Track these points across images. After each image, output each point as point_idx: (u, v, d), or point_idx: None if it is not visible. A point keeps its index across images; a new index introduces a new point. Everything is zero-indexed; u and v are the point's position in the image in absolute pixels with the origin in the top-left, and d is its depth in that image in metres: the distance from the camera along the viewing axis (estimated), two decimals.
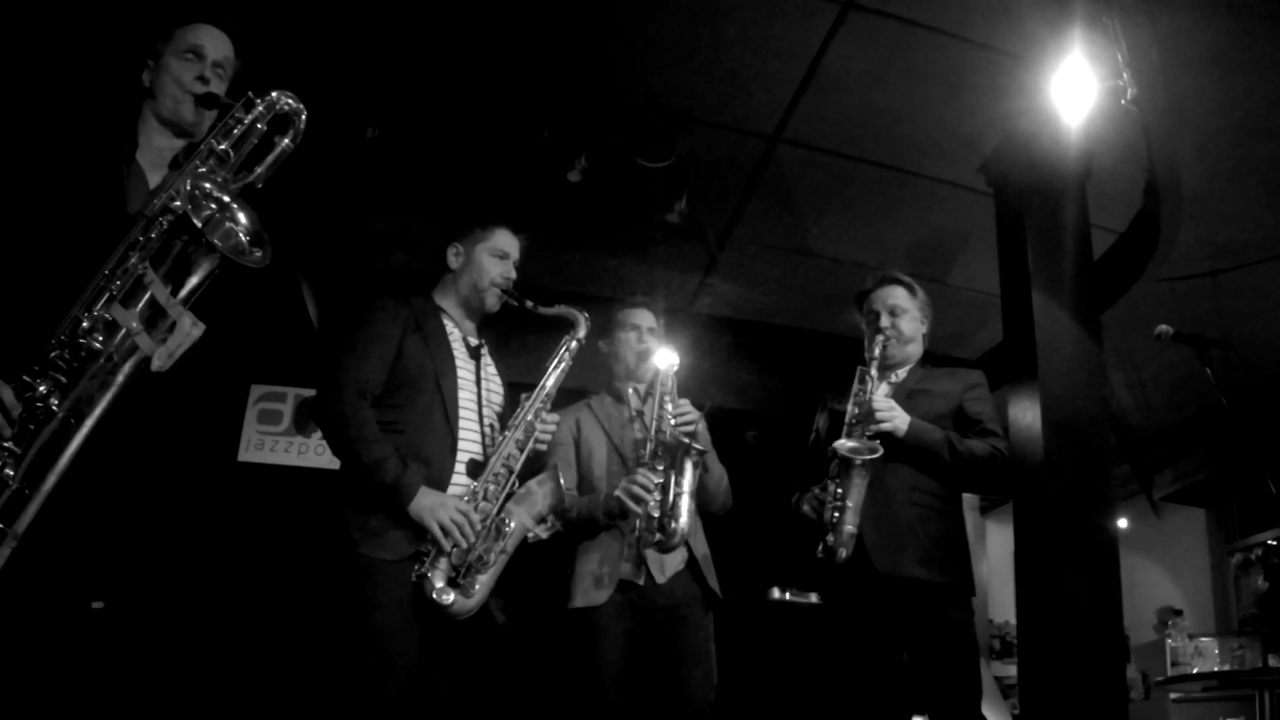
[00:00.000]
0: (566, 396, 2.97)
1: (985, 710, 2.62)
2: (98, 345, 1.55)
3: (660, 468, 2.68)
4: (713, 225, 4.59)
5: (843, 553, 2.51)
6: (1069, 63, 3.12)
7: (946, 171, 4.06)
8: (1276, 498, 2.59)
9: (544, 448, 2.49)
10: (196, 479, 4.21)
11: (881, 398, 2.66)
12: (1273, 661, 4.79)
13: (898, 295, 2.87)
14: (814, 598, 4.60)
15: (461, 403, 2.39)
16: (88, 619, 1.69)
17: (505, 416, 2.52)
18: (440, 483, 2.29)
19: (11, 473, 1.48)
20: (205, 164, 1.70)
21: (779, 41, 3.38)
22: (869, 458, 2.52)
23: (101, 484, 1.59)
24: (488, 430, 2.45)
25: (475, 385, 2.47)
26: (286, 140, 1.76)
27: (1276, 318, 4.53)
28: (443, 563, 2.23)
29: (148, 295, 1.58)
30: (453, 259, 2.56)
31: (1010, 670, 6.16)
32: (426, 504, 2.21)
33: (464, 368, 2.45)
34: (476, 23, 3.38)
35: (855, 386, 2.72)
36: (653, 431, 2.75)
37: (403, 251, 4.72)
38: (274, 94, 1.77)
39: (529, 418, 2.45)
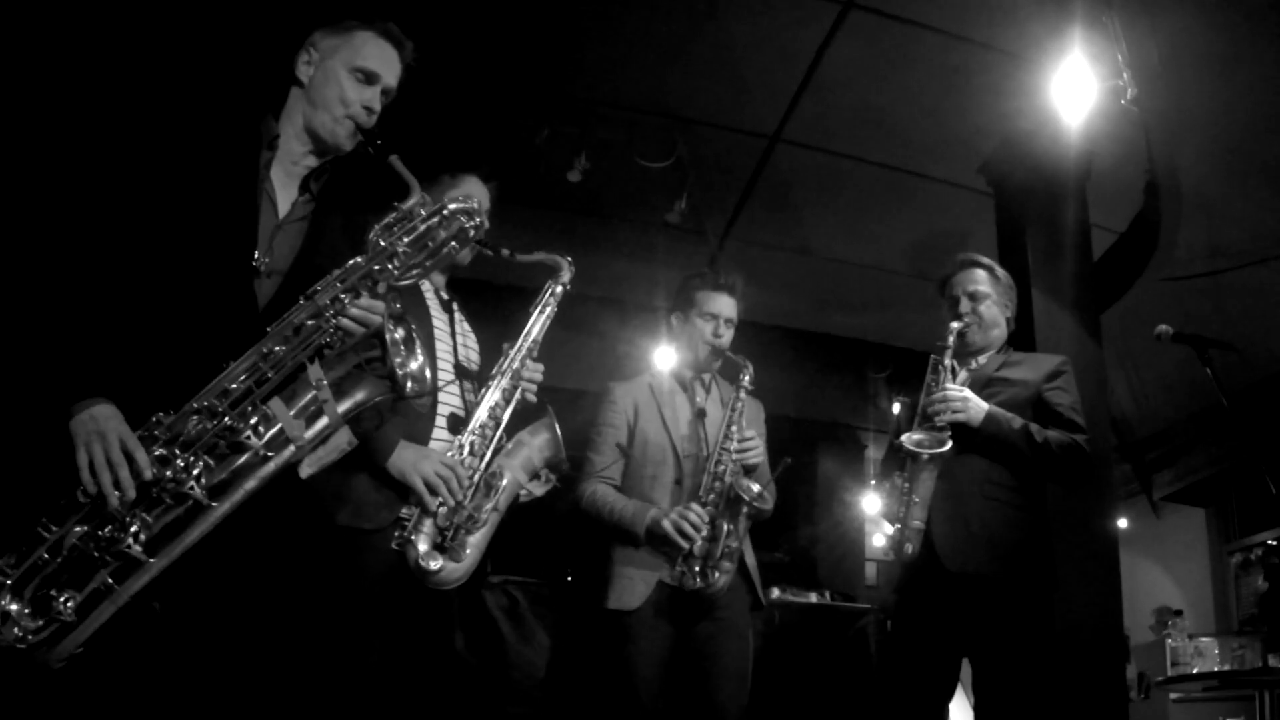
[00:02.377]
0: (570, 396, 2.96)
1: None
2: (253, 439, 1.50)
3: (713, 505, 2.49)
4: (713, 225, 4.59)
5: (909, 548, 2.38)
6: (1069, 63, 3.12)
7: (946, 171, 4.06)
8: (1276, 498, 2.56)
9: (533, 397, 2.27)
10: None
11: (955, 387, 2.52)
12: (1273, 661, 4.78)
13: (979, 279, 2.70)
14: (814, 597, 4.59)
15: (438, 354, 2.20)
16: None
17: (484, 372, 2.31)
18: (420, 439, 2.08)
19: (143, 537, 1.43)
20: (385, 262, 1.62)
21: (779, 41, 3.38)
22: (936, 451, 2.39)
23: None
24: (466, 384, 2.25)
25: (450, 338, 2.28)
26: (455, 244, 1.72)
27: (1276, 318, 4.53)
28: (427, 525, 2.01)
29: (310, 396, 1.54)
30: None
31: None
32: (408, 458, 1.99)
33: (438, 319, 2.27)
34: (477, 22, 3.38)
35: (928, 377, 2.56)
36: (713, 464, 2.53)
37: None
38: (466, 206, 1.72)
39: (515, 365, 2.23)
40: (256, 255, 1.65)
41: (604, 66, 3.61)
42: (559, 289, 2.37)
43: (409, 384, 1.63)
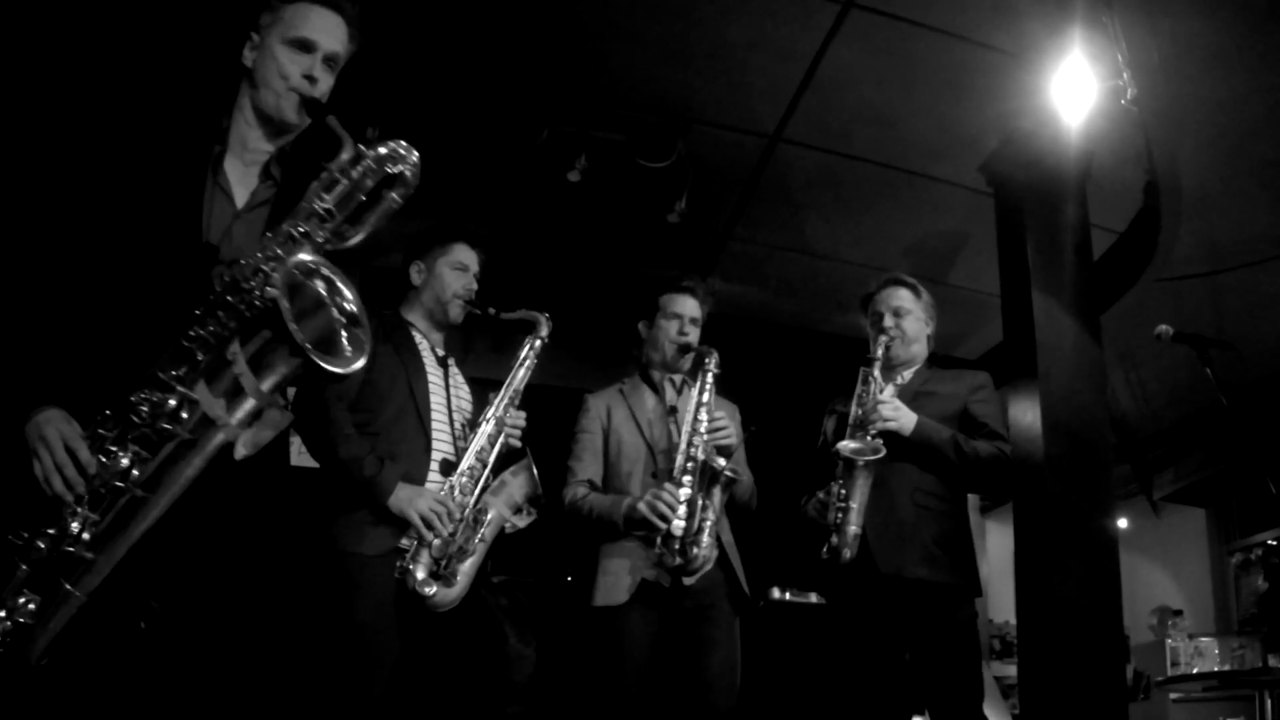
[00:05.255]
0: (570, 396, 2.97)
1: (986, 710, 2.62)
2: (180, 424, 1.46)
3: (689, 484, 2.57)
4: (713, 225, 4.59)
5: (847, 553, 2.51)
6: (1069, 63, 3.12)
7: (946, 171, 4.06)
8: (1276, 498, 2.59)
9: (516, 443, 2.55)
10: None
11: (888, 397, 2.66)
12: (1273, 661, 4.79)
13: (902, 297, 2.87)
14: (814, 598, 4.60)
15: (433, 406, 2.47)
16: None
17: (474, 422, 2.58)
18: (416, 481, 2.35)
19: (87, 537, 1.43)
20: (307, 224, 1.54)
21: (779, 41, 3.38)
22: (872, 458, 2.51)
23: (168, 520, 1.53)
24: (459, 432, 2.52)
25: (445, 390, 2.54)
26: (394, 195, 1.58)
27: (1276, 318, 4.53)
28: (424, 555, 2.27)
29: (229, 375, 1.47)
30: (415, 276, 2.65)
31: (1010, 670, 6.15)
32: (405, 496, 2.27)
33: (433, 373, 2.53)
34: (477, 22, 3.38)
35: (859, 387, 2.71)
36: (685, 444, 2.63)
37: (402, 251, 4.72)
38: (391, 148, 1.58)
39: (499, 413, 2.52)
40: (212, 244, 1.64)
41: (604, 66, 3.60)
42: (538, 343, 2.64)
43: (321, 354, 1.46)
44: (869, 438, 2.57)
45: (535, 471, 2.52)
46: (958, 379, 2.83)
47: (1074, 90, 3.17)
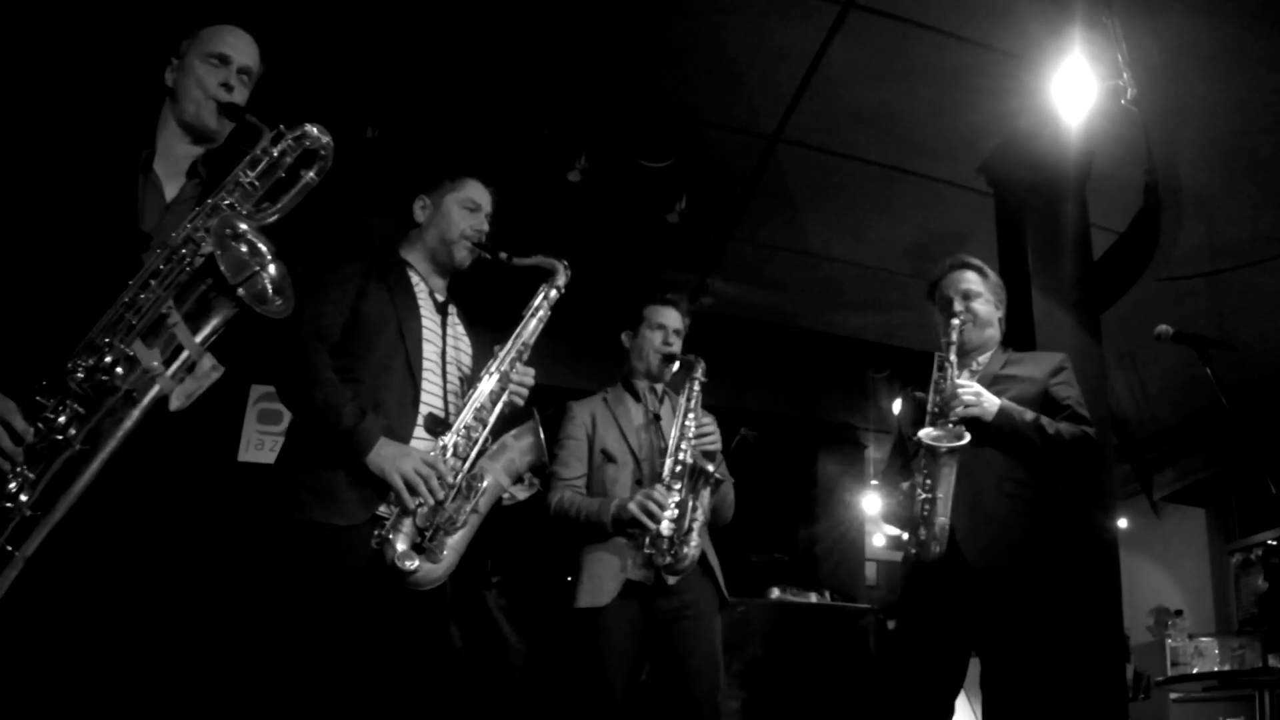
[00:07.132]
0: (568, 395, 2.97)
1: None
2: (117, 380, 1.55)
3: (678, 487, 2.61)
4: (713, 225, 4.59)
5: (935, 548, 2.38)
6: (1069, 63, 3.13)
7: (946, 171, 4.06)
8: (1276, 498, 2.56)
9: (520, 401, 2.25)
10: (196, 478, 4.20)
11: (966, 381, 2.54)
12: (1273, 661, 4.79)
13: (969, 279, 2.73)
14: (813, 598, 4.60)
15: (425, 354, 2.17)
16: (86, 619, 1.66)
17: (473, 378, 2.28)
18: (399, 437, 2.04)
19: (25, 498, 1.48)
20: (231, 196, 1.69)
21: (779, 41, 3.39)
22: (955, 444, 2.39)
23: (103, 486, 1.57)
24: (452, 386, 2.23)
25: (440, 339, 2.25)
26: (311, 174, 1.74)
27: (1276, 318, 4.53)
28: (406, 524, 1.97)
29: (168, 333, 1.58)
30: (419, 212, 2.36)
31: None
32: (388, 454, 1.96)
33: (429, 319, 2.24)
34: (477, 23, 3.39)
35: (935, 374, 2.58)
36: (673, 447, 2.67)
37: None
38: (305, 128, 1.75)
39: (504, 367, 2.22)
40: (145, 231, 1.76)
41: (605, 66, 3.60)
42: (553, 293, 2.39)
43: (268, 294, 1.64)
44: (950, 425, 2.45)
45: (542, 436, 2.21)
46: (1035, 361, 2.71)
47: (1074, 90, 3.17)
